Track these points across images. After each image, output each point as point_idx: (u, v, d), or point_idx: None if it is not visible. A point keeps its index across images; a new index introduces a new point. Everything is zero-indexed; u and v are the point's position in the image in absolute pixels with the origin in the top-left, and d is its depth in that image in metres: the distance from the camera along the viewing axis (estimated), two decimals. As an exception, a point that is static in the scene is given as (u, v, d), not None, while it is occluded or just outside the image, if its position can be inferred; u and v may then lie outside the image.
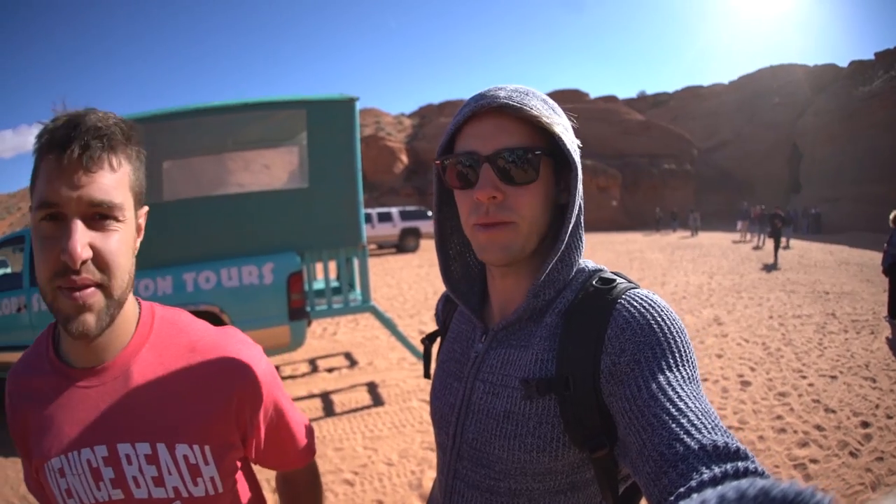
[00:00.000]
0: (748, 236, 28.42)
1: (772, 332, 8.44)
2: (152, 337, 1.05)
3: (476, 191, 0.88)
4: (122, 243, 0.92)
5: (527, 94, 0.90)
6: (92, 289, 0.88)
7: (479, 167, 0.89)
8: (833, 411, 5.22)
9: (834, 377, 6.19)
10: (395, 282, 15.70)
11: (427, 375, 1.20)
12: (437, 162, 0.98)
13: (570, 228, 0.93)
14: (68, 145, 0.85)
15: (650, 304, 0.86)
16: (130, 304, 1.03)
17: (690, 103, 67.79)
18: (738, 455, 0.62)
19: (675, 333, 0.82)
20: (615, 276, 0.96)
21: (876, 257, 17.13)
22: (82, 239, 0.85)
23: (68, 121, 0.87)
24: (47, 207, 0.86)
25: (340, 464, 4.51)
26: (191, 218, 5.44)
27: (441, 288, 12.51)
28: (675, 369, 0.78)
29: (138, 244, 1.01)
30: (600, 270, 0.99)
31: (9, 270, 11.46)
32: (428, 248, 26.86)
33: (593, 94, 62.57)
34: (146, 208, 1.04)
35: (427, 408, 4.05)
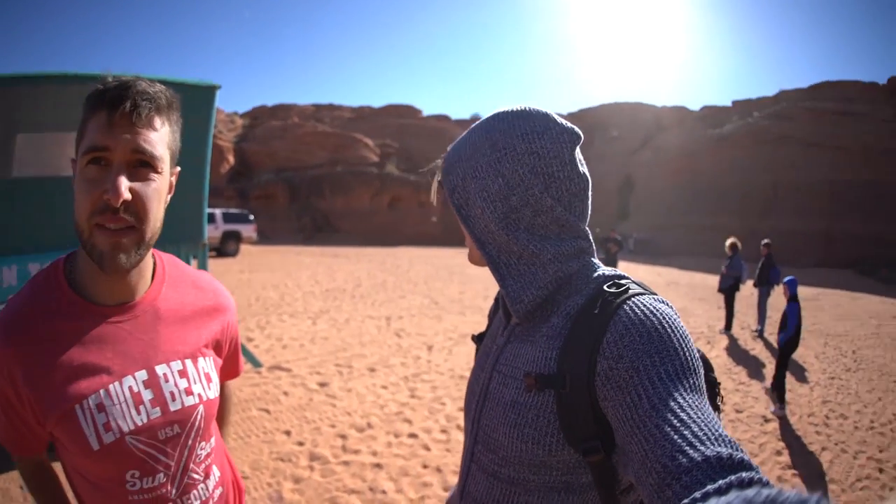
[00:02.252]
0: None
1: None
2: (167, 276, 1.18)
3: None
4: (157, 192, 1.02)
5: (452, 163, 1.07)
6: (126, 228, 0.97)
7: None
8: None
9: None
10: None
11: None
12: None
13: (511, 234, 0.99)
14: (121, 103, 0.95)
15: (653, 311, 0.85)
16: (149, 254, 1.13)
17: (521, 126, 71.15)
18: (742, 466, 0.62)
19: (676, 341, 0.82)
20: (627, 282, 0.96)
21: (706, 278, 19.08)
22: (125, 182, 0.95)
23: (120, 84, 0.97)
24: (96, 151, 0.95)
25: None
26: (43, 199, 4.69)
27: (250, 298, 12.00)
28: (676, 378, 0.77)
29: (168, 199, 1.09)
30: (617, 276, 0.99)
31: None
32: (248, 252, 25.86)
33: (426, 112, 63.81)
34: (178, 168, 1.14)
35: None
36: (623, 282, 0.96)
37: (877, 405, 6.75)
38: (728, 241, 10.87)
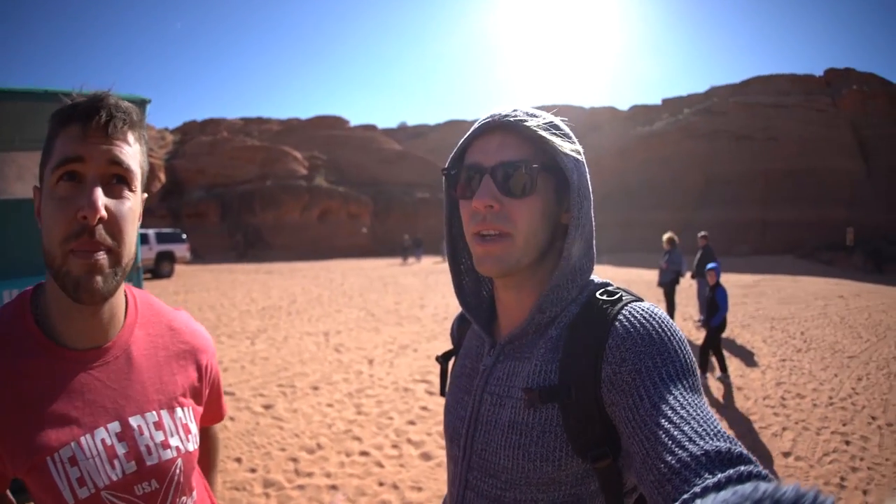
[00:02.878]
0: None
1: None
2: (139, 317, 1.11)
3: (474, 199, 0.91)
4: (132, 212, 0.96)
5: (532, 115, 0.93)
6: (103, 252, 0.92)
7: (482, 178, 0.92)
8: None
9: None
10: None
11: (443, 393, 1.20)
12: (445, 172, 1.02)
13: (572, 247, 0.95)
14: (95, 114, 0.91)
15: (651, 316, 0.86)
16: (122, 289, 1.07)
17: (451, 136, 71.48)
18: (740, 460, 0.62)
19: (675, 344, 0.83)
20: (619, 290, 0.97)
21: (642, 274, 19.49)
22: (102, 197, 0.90)
23: (92, 97, 0.94)
24: (69, 163, 0.90)
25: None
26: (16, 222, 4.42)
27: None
28: (676, 379, 0.78)
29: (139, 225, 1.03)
30: (606, 284, 1.00)
31: None
32: (182, 273, 25.15)
33: (354, 122, 63.45)
34: (146, 195, 1.06)
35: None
36: (613, 289, 0.97)
37: (833, 381, 7.03)
38: (665, 236, 10.90)
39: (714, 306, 7.10)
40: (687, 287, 13.84)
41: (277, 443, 4.98)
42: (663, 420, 0.72)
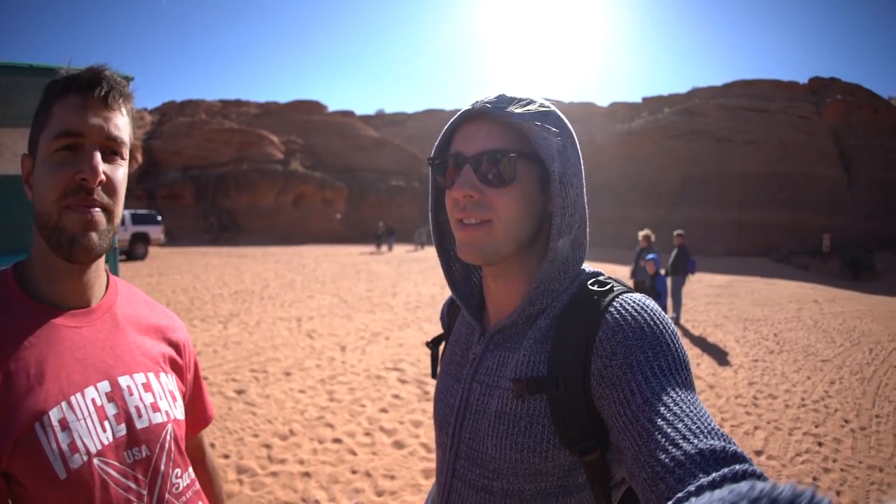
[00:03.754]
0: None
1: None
2: (120, 290, 1.12)
3: (454, 189, 0.91)
4: (124, 178, 1.00)
5: (517, 101, 0.91)
6: (99, 209, 0.94)
7: (462, 167, 0.91)
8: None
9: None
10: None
11: (434, 376, 1.20)
12: (429, 161, 1.01)
13: (558, 237, 0.92)
14: (95, 85, 0.94)
15: (643, 308, 0.84)
16: (102, 262, 1.06)
17: (429, 124, 71.22)
18: (735, 458, 0.61)
19: (668, 337, 0.81)
20: (610, 281, 0.95)
21: (615, 269, 19.57)
22: (101, 163, 0.93)
23: (91, 70, 0.96)
24: (69, 136, 0.92)
25: None
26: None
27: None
28: (668, 374, 0.76)
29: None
30: (597, 274, 0.98)
31: None
32: (155, 255, 24.79)
33: (332, 108, 62.94)
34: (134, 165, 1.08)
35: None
36: (604, 279, 0.95)
37: (806, 384, 7.08)
38: (642, 233, 10.59)
39: (655, 293, 7.70)
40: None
41: (250, 428, 4.94)
42: (656, 416, 0.70)
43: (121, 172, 0.98)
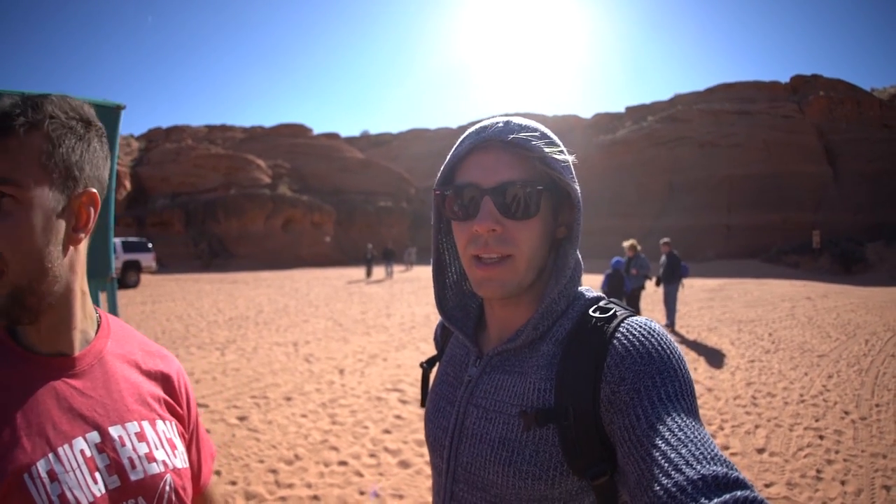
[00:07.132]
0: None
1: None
2: (112, 333, 1.03)
3: (475, 223, 0.87)
4: (22, 224, 0.82)
5: (526, 129, 0.89)
6: None
7: (480, 199, 0.88)
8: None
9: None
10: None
11: (423, 405, 1.14)
12: (437, 192, 0.96)
13: (567, 262, 0.94)
14: None
15: (649, 333, 0.84)
16: (89, 305, 0.99)
17: (414, 144, 71.46)
18: (737, 485, 0.61)
19: (674, 363, 0.81)
20: (612, 305, 0.94)
21: (594, 280, 19.63)
22: None
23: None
24: None
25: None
26: None
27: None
28: (675, 399, 0.76)
29: (85, 239, 0.93)
30: (599, 298, 0.97)
31: None
32: (147, 282, 24.63)
33: (317, 131, 63.23)
34: (94, 190, 0.91)
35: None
36: (605, 305, 0.94)
37: (804, 380, 7.13)
38: (627, 243, 10.70)
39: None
40: (652, 292, 14.02)
41: (255, 454, 4.94)
42: (660, 441, 0.70)
43: (8, 223, 0.80)
